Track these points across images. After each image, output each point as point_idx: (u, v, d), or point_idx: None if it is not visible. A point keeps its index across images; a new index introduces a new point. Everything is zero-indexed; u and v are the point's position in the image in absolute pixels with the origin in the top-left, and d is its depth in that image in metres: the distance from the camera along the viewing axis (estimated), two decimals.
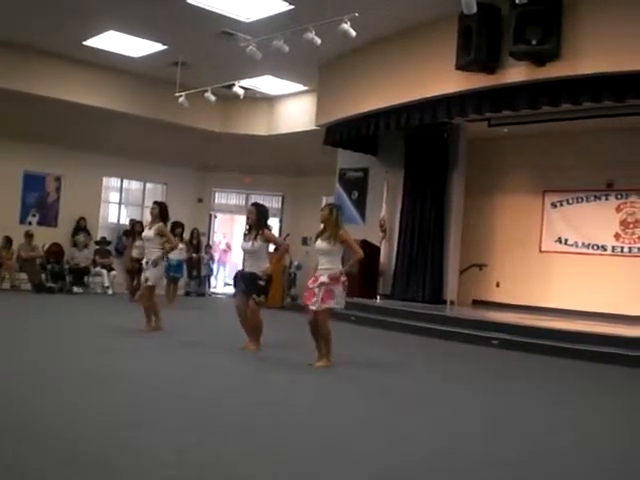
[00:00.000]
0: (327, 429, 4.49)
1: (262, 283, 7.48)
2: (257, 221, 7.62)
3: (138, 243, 12.88)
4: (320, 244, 6.83)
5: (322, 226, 6.92)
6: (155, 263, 8.55)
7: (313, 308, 6.75)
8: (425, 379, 6.85)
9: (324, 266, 6.79)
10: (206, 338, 8.68)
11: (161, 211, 8.77)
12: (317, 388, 6.04)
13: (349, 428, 4.54)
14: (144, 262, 8.69)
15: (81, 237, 14.82)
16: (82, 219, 15.47)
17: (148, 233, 8.68)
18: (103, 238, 15.48)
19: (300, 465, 3.68)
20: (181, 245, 13.23)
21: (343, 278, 6.78)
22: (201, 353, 7.38)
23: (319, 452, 3.94)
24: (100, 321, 9.58)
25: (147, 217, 10.19)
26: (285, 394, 5.63)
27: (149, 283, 8.55)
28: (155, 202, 9.17)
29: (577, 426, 5.21)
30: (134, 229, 13.81)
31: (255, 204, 7.95)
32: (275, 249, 9.39)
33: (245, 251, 7.71)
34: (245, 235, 7.79)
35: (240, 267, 8.08)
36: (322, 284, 6.70)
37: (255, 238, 7.51)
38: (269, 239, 7.79)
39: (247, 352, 7.52)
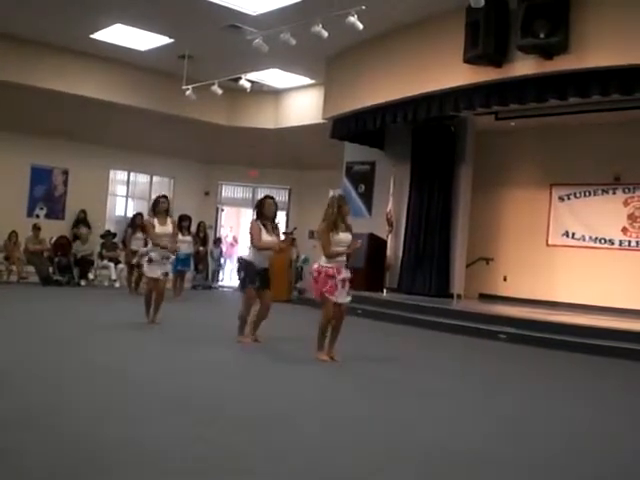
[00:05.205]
0: (329, 423, 4.49)
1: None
2: (275, 215, 7.65)
3: (138, 235, 12.91)
4: (345, 236, 6.72)
5: (334, 219, 6.68)
6: (169, 258, 8.74)
7: (344, 302, 6.69)
8: (430, 373, 6.84)
9: (343, 258, 6.73)
10: (210, 332, 8.68)
11: (169, 206, 8.88)
12: (320, 382, 6.04)
13: (351, 422, 4.54)
14: (160, 257, 8.49)
15: (84, 230, 14.84)
16: (82, 211, 15.43)
17: (168, 229, 8.63)
18: (108, 231, 15.48)
19: (300, 458, 3.69)
20: (188, 238, 13.24)
21: None
22: (205, 347, 7.37)
23: (319, 446, 3.95)
24: (104, 314, 9.61)
25: None
26: (288, 388, 5.63)
27: (169, 277, 8.73)
28: (165, 196, 9.12)
29: (581, 422, 5.21)
30: (134, 222, 13.82)
31: (273, 197, 7.85)
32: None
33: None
34: (266, 227, 7.56)
35: (245, 257, 7.88)
36: (346, 280, 6.68)
37: (274, 231, 7.57)
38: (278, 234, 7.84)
39: (255, 345, 7.57)
